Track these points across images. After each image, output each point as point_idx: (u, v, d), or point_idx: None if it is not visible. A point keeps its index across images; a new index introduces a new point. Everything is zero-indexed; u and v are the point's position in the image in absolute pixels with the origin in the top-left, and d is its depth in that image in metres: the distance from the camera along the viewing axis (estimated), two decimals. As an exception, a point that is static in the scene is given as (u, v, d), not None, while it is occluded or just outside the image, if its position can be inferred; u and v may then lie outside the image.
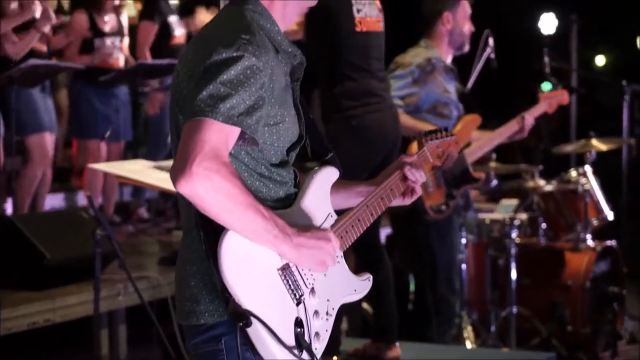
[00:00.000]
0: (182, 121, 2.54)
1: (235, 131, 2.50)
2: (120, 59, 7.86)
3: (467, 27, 6.08)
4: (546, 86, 8.09)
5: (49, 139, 7.21)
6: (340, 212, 2.84)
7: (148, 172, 5.69)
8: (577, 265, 6.82)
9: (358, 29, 5.22)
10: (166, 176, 5.33)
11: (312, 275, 2.66)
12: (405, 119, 5.65)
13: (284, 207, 2.68)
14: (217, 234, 2.50)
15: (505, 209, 7.41)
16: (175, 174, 2.42)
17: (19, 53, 6.73)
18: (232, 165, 2.53)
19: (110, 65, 7.73)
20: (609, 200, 7.19)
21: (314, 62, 5.18)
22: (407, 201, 3.04)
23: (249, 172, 2.64)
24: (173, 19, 8.29)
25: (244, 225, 2.49)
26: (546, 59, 7.81)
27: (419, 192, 3.05)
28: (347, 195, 2.96)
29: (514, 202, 7.48)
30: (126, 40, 7.98)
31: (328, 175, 2.82)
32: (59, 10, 8.24)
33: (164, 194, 8.22)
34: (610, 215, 7.12)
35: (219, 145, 2.45)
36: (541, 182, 7.20)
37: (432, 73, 5.91)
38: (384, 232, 7.81)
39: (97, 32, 7.71)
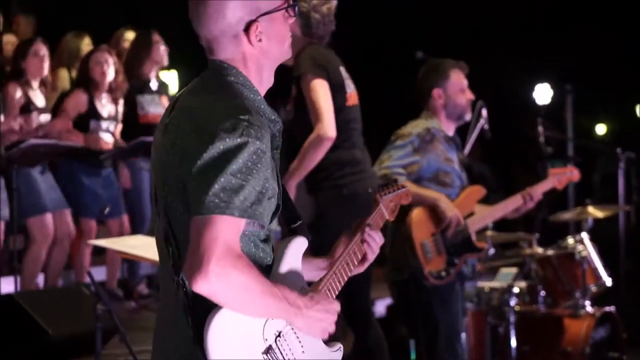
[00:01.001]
0: (175, 199, 2.60)
1: (246, 221, 2.56)
2: (110, 144, 7.87)
3: (464, 98, 6.06)
4: (556, 163, 8.17)
5: (50, 220, 7.26)
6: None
7: (148, 247, 5.73)
8: (576, 331, 6.84)
9: (348, 103, 5.47)
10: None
11: (292, 353, 2.69)
12: (409, 186, 5.68)
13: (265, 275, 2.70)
14: (203, 317, 2.53)
15: (504, 277, 7.45)
16: (191, 273, 2.46)
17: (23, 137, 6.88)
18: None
19: (100, 146, 7.75)
20: (607, 266, 7.23)
21: (297, 131, 5.32)
22: (364, 265, 3.08)
23: (252, 241, 2.68)
24: (145, 98, 8.28)
25: (259, 310, 2.59)
26: (540, 128, 7.92)
27: (375, 253, 3.09)
28: (309, 268, 2.98)
29: (512, 270, 7.52)
30: (119, 127, 8.04)
31: (299, 245, 2.86)
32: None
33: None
34: (608, 282, 7.14)
35: (232, 240, 2.51)
36: (539, 250, 7.24)
37: (432, 142, 5.92)
38: (385, 302, 7.86)
39: (95, 114, 7.78)
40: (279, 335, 2.66)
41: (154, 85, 8.34)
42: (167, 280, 2.65)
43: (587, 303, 6.98)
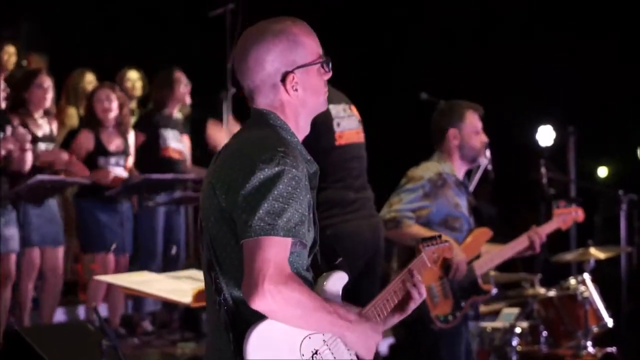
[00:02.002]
0: (219, 231, 2.86)
1: (291, 241, 2.80)
2: (122, 177, 7.93)
3: (478, 140, 6.05)
4: (560, 203, 8.19)
5: (37, 254, 7.31)
6: None
7: (153, 284, 5.76)
8: (578, 372, 6.87)
9: (337, 143, 5.44)
10: (171, 287, 5.47)
11: None
12: (418, 230, 5.68)
13: None
14: (243, 333, 2.79)
15: (506, 317, 7.48)
16: (249, 293, 2.73)
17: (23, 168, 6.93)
18: None
19: (109, 180, 7.82)
20: (608, 307, 7.25)
21: None
22: (404, 312, 3.25)
23: (301, 268, 2.94)
24: (167, 132, 8.39)
25: (312, 324, 2.85)
26: (543, 170, 7.98)
27: (417, 300, 3.23)
28: None
29: (514, 310, 7.55)
30: (131, 160, 8.11)
31: (339, 279, 3.07)
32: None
33: (168, 306, 8.30)
34: (610, 322, 7.16)
35: (282, 260, 2.77)
36: (541, 290, 7.27)
37: (442, 187, 5.90)
38: (387, 342, 7.86)
39: (102, 150, 7.85)
40: (315, 353, 2.88)
41: (176, 121, 8.48)
42: (211, 304, 2.94)
43: (589, 344, 7.00)
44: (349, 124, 5.52)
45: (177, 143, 8.45)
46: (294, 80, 3.00)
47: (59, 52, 9.80)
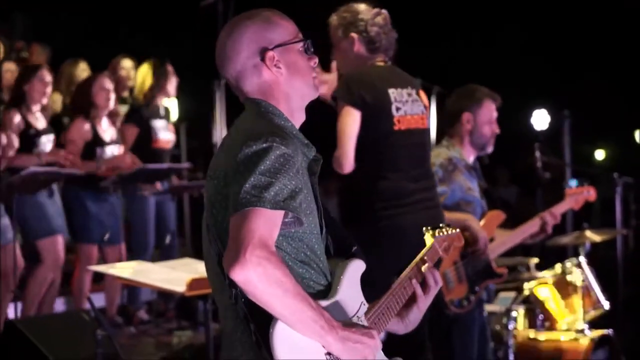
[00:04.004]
0: (224, 220, 2.74)
1: (281, 216, 2.69)
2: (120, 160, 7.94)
3: (490, 130, 6.06)
4: (572, 182, 8.20)
5: (61, 242, 7.36)
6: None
7: (148, 273, 5.77)
8: (575, 354, 6.84)
9: (396, 127, 5.14)
10: (166, 276, 5.47)
11: None
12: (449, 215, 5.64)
13: (323, 296, 2.85)
14: (267, 324, 2.66)
15: (502, 301, 7.47)
16: (229, 263, 2.61)
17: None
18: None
19: (106, 172, 7.81)
20: (605, 290, 7.25)
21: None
22: (426, 299, 3.17)
23: (292, 260, 2.82)
24: (157, 123, 8.43)
25: (293, 313, 2.65)
26: (537, 154, 7.97)
27: (433, 289, 3.19)
28: None
29: (511, 294, 7.54)
30: (122, 149, 8.09)
31: (357, 266, 2.98)
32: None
33: (164, 295, 8.31)
34: (606, 305, 7.16)
35: (267, 234, 2.64)
36: (538, 274, 7.27)
37: (454, 172, 5.92)
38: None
39: (99, 141, 7.85)
40: None
41: (162, 111, 8.54)
42: (224, 298, 2.81)
43: (586, 326, 7.00)
44: (411, 109, 5.20)
45: (166, 132, 8.49)
46: (275, 59, 2.95)
47: (50, 43, 9.80)
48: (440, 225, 3.43)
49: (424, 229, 3.39)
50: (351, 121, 5.04)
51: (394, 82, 5.22)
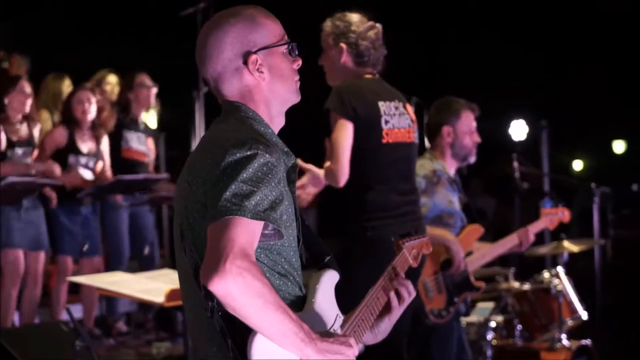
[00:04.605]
0: (201, 227, 2.65)
1: (261, 227, 2.61)
2: (89, 180, 7.90)
3: (471, 140, 6.10)
4: (547, 203, 8.27)
5: (21, 256, 7.30)
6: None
7: (127, 284, 5.76)
8: (553, 365, 6.89)
9: (384, 140, 5.14)
10: (144, 287, 5.46)
11: None
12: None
13: (298, 308, 2.77)
14: (245, 339, 2.59)
15: (480, 311, 7.49)
16: (207, 274, 2.51)
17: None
18: None
19: (78, 183, 7.79)
20: (582, 300, 7.29)
21: None
22: (399, 308, 3.09)
23: (269, 272, 2.75)
24: (130, 134, 8.40)
25: (272, 325, 2.57)
26: (515, 164, 8.01)
27: (406, 299, 3.10)
28: None
29: (489, 304, 7.57)
30: (100, 164, 8.06)
31: (330, 277, 2.92)
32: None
33: (143, 306, 8.29)
34: (584, 315, 7.19)
35: (247, 244, 2.55)
36: (515, 284, 7.30)
37: (437, 184, 5.95)
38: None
39: (74, 148, 7.82)
40: None
41: (141, 124, 8.49)
42: (199, 311, 2.70)
43: (564, 337, 7.02)
44: (398, 122, 5.22)
45: (140, 145, 8.43)
46: (258, 62, 2.87)
47: (32, 53, 9.79)
48: (409, 232, 3.39)
49: (392, 237, 3.34)
50: (346, 134, 5.04)
51: (383, 95, 5.24)
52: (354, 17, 5.28)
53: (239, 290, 2.50)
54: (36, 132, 7.65)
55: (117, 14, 12.49)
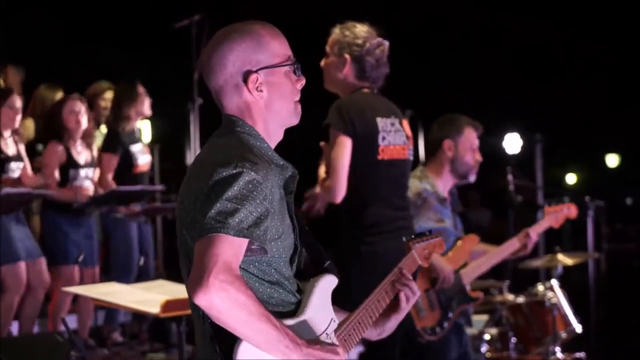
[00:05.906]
0: (192, 241, 2.73)
1: (245, 243, 2.70)
2: (90, 190, 7.92)
3: (472, 157, 6.08)
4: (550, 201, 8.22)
5: (23, 268, 7.29)
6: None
7: (122, 295, 5.76)
8: (547, 377, 6.90)
9: (380, 157, 5.17)
10: (140, 298, 5.46)
11: None
12: None
13: (291, 314, 2.86)
14: (232, 346, 2.69)
15: (475, 324, 7.49)
16: (193, 287, 2.62)
17: None
18: (244, 277, 2.72)
19: (80, 197, 7.77)
20: (577, 313, 7.30)
21: None
22: (399, 314, 3.18)
23: (259, 282, 2.83)
24: (135, 148, 8.40)
25: (257, 334, 2.67)
26: (510, 177, 8.02)
27: (410, 300, 3.18)
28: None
29: (483, 317, 7.57)
30: (97, 172, 8.07)
31: (328, 283, 2.99)
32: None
33: (138, 317, 8.28)
34: (578, 328, 7.19)
35: (231, 259, 2.65)
36: (510, 297, 7.30)
37: (422, 206, 5.92)
38: (357, 350, 7.86)
39: (72, 163, 7.82)
40: None
41: (138, 133, 8.52)
42: (195, 317, 2.83)
43: (558, 349, 7.03)
44: (394, 139, 5.24)
45: (144, 156, 8.45)
46: (258, 81, 2.93)
47: (25, 64, 9.80)
48: (421, 232, 3.44)
49: (404, 238, 3.37)
50: (345, 151, 5.06)
51: (381, 111, 5.24)
52: (364, 30, 5.28)
53: (222, 303, 2.61)
54: (21, 147, 7.63)
55: (112, 26, 12.51)
